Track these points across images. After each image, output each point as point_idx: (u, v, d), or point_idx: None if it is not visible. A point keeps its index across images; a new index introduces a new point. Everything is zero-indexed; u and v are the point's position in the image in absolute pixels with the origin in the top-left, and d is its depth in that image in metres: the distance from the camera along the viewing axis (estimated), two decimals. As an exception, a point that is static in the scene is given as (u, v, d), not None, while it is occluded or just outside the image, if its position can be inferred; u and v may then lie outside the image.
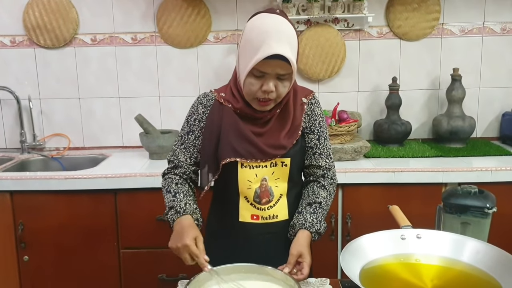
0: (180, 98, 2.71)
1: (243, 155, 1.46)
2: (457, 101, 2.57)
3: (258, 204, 1.51)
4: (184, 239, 1.34)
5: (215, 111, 1.52)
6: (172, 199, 1.50)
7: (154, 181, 2.18)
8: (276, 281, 1.38)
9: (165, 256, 2.26)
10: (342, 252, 1.22)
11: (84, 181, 2.21)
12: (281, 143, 1.47)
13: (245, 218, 1.53)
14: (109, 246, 2.27)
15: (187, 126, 1.56)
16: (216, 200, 1.63)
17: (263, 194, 1.50)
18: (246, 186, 1.50)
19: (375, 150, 2.47)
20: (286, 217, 1.54)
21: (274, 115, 1.50)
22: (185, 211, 1.45)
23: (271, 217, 1.52)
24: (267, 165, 1.49)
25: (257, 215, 1.52)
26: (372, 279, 1.19)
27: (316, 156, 1.54)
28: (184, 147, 1.56)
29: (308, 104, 1.55)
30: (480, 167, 2.22)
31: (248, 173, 1.49)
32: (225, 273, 1.36)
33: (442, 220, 1.48)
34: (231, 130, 1.48)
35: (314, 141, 1.54)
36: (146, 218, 2.23)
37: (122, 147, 2.78)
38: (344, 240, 2.27)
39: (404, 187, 2.21)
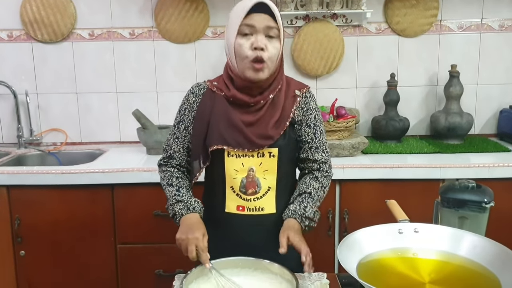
0: (178, 94, 2.69)
1: (230, 143, 1.47)
2: (455, 97, 2.57)
3: (244, 195, 1.51)
4: (196, 232, 1.39)
5: (206, 99, 1.54)
6: (176, 193, 1.53)
7: (151, 176, 2.17)
8: (273, 275, 1.37)
9: (162, 251, 2.26)
10: (339, 246, 1.22)
11: (81, 176, 2.20)
12: (269, 133, 1.48)
13: (231, 209, 1.53)
14: (106, 241, 2.26)
15: (179, 116, 1.59)
16: (205, 190, 1.64)
17: (249, 184, 1.50)
18: (232, 176, 1.50)
19: (373, 146, 2.47)
20: (273, 211, 1.53)
21: (267, 102, 1.50)
22: (194, 209, 1.50)
23: (257, 209, 1.52)
24: (254, 155, 1.49)
25: (243, 206, 1.52)
26: (369, 273, 1.19)
27: (313, 150, 1.54)
28: (176, 137, 1.58)
29: (303, 98, 1.55)
30: (478, 163, 2.22)
31: (235, 162, 1.49)
32: (221, 267, 1.36)
33: (439, 215, 1.48)
34: (221, 118, 1.49)
35: (310, 135, 1.54)
36: (143, 213, 2.23)
37: (119, 142, 2.77)
38: (341, 236, 2.27)
39: (402, 183, 2.21)
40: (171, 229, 2.20)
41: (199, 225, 1.44)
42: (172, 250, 2.24)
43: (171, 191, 1.54)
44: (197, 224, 1.45)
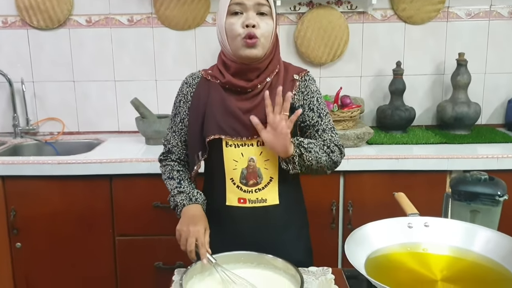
0: (178, 82, 2.54)
1: (227, 132, 1.41)
2: (462, 86, 2.50)
3: (244, 186, 1.45)
4: (198, 224, 1.35)
5: (201, 88, 1.48)
6: (177, 185, 1.48)
7: (150, 166, 2.12)
8: (277, 270, 1.32)
9: (161, 243, 2.20)
10: (347, 241, 1.16)
11: (79, 166, 2.15)
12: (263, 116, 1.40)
13: (232, 202, 1.47)
14: (104, 233, 2.21)
15: (174, 109, 1.54)
16: (205, 183, 1.58)
17: (250, 175, 1.44)
18: (231, 167, 1.44)
19: (378, 137, 2.40)
20: (276, 202, 1.47)
21: (264, 87, 1.43)
22: (197, 200, 1.45)
23: (259, 200, 1.46)
24: (253, 144, 1.42)
25: (244, 198, 1.46)
26: (378, 269, 1.13)
27: (320, 132, 1.47)
28: (173, 131, 1.53)
29: (302, 81, 1.48)
30: (486, 154, 2.15)
31: (234, 152, 1.43)
32: (223, 261, 1.31)
33: (450, 208, 1.42)
34: (217, 106, 1.43)
35: (315, 118, 1.47)
36: (142, 205, 2.17)
37: (117, 132, 2.71)
38: (345, 229, 2.21)
39: (408, 174, 2.15)
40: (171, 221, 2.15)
41: (201, 218, 1.39)
42: (172, 243, 2.18)
43: (172, 184, 1.50)
44: (199, 216, 1.39)
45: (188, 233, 1.33)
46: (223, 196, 1.47)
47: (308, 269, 1.47)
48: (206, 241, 1.33)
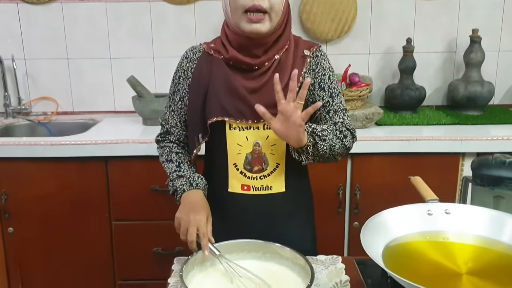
0: (176, 59, 2.46)
1: (231, 114, 1.30)
2: (475, 64, 2.38)
3: (249, 173, 1.34)
4: (199, 212, 1.24)
5: (203, 63, 1.35)
6: (176, 169, 1.37)
7: (148, 148, 2.01)
8: (283, 261, 1.22)
9: (160, 228, 2.11)
10: (363, 229, 1.06)
11: (73, 148, 2.04)
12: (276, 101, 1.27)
13: (234, 189, 1.36)
14: (100, 218, 2.11)
15: (173, 86, 1.41)
16: (206, 168, 1.47)
17: (255, 161, 1.33)
18: (235, 151, 1.33)
19: (387, 117, 2.29)
20: (282, 189, 1.36)
21: (272, 64, 1.31)
22: (198, 185, 1.34)
23: (264, 188, 1.35)
24: (259, 127, 1.31)
25: (248, 185, 1.35)
26: (396, 260, 1.04)
27: (331, 114, 1.34)
28: (172, 110, 1.42)
29: (313, 57, 1.36)
30: (501, 135, 2.05)
31: (238, 135, 1.32)
32: (226, 251, 1.21)
33: (470, 193, 1.32)
34: (220, 85, 1.31)
35: (326, 98, 1.34)
36: (139, 188, 2.08)
37: (113, 112, 2.59)
38: (352, 213, 2.12)
39: (419, 157, 2.05)
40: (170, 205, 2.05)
41: (203, 205, 1.28)
42: (171, 228, 2.07)
43: (171, 167, 1.39)
44: (201, 203, 1.29)
45: (189, 222, 1.22)
46: (225, 182, 1.37)
47: (316, 258, 1.38)
48: (208, 231, 1.22)
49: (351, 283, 1.25)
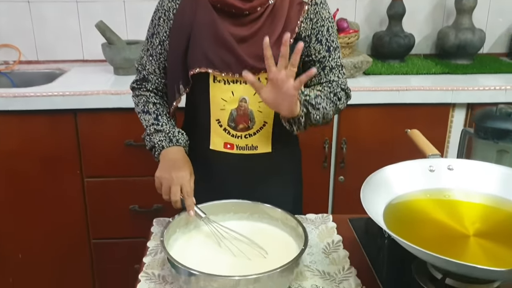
0: (149, 2, 2.31)
1: (216, 65, 1.16)
2: (467, 11, 2.26)
3: (233, 130, 1.23)
4: (181, 170, 1.14)
5: (186, 5, 1.19)
6: (154, 122, 1.23)
7: (120, 100, 1.86)
8: (273, 222, 1.13)
9: (136, 185, 2.00)
10: (362, 187, 0.97)
11: (39, 100, 1.88)
12: None
13: (216, 146, 1.25)
14: (71, 175, 1.98)
15: (152, 27, 1.25)
16: (185, 122, 1.34)
17: (240, 118, 1.21)
18: (219, 106, 1.21)
19: (375, 67, 2.18)
20: (268, 150, 1.26)
21: (266, 10, 1.16)
22: (178, 141, 1.22)
23: (249, 147, 1.25)
24: (247, 82, 1.17)
25: (232, 143, 1.24)
26: (398, 220, 0.96)
27: (327, 71, 1.22)
28: (150, 55, 1.26)
29: (312, 5, 1.20)
30: (494, 85, 1.96)
31: (222, 89, 1.19)
32: (210, 212, 1.11)
33: (469, 147, 1.23)
34: (205, 31, 1.16)
35: (323, 53, 1.21)
36: (112, 143, 1.94)
37: (82, 61, 2.41)
38: (337, 168, 2.04)
39: (408, 108, 1.96)
40: (146, 161, 1.93)
41: (184, 162, 1.17)
42: (148, 184, 1.97)
43: (147, 119, 1.25)
44: (182, 160, 1.17)
45: (171, 181, 1.11)
46: (207, 139, 1.25)
47: (306, 217, 1.29)
48: (191, 190, 1.12)
49: (343, 243, 1.17)
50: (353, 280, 1.04)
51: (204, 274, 0.90)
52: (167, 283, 1.03)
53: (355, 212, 1.30)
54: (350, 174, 2.03)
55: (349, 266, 1.08)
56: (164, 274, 1.06)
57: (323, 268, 1.08)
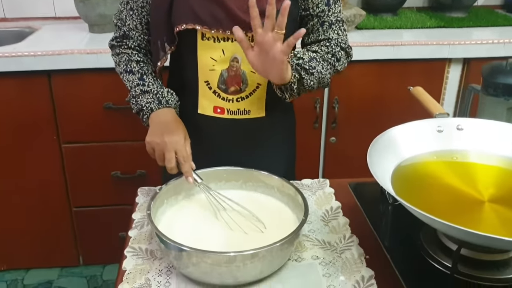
0: None
1: (205, 21, 1.04)
2: (463, -42, 2.15)
3: (223, 93, 1.12)
4: (175, 133, 1.03)
5: None
6: (139, 82, 1.11)
7: (97, 59, 1.73)
8: (269, 189, 1.05)
9: (117, 150, 1.89)
10: (369, 150, 0.89)
11: (8, 61, 1.74)
12: (263, 7, 1.01)
13: (205, 110, 1.15)
14: (48, 141, 1.86)
15: None
16: (170, 84, 1.22)
17: (232, 79, 1.10)
18: (207, 66, 1.09)
19: (367, 21, 2.06)
20: (261, 114, 1.16)
21: None
22: (168, 103, 1.10)
23: (241, 112, 1.14)
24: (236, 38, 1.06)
25: (222, 107, 1.14)
26: (407, 184, 0.89)
27: (325, 27, 1.10)
28: (130, 8, 1.13)
29: None
30: (491, 39, 1.88)
31: (212, 48, 1.07)
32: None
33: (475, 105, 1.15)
34: None
35: (321, 7, 1.09)
36: (90, 106, 1.82)
37: (54, 18, 2.24)
38: (329, 128, 1.95)
39: (402, 64, 1.87)
40: (127, 124, 1.83)
41: (177, 125, 1.06)
42: (130, 149, 1.89)
43: (132, 79, 1.12)
44: (174, 122, 1.06)
45: (165, 146, 1.01)
46: (195, 103, 1.14)
47: (301, 182, 1.21)
48: (189, 154, 1.02)
49: (342, 210, 1.10)
50: (355, 250, 0.97)
51: (196, 250, 0.81)
52: (156, 259, 0.95)
53: (347, 175, 1.23)
54: (342, 135, 1.95)
55: (350, 235, 1.01)
56: (152, 248, 0.98)
57: (322, 237, 1.01)
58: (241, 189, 1.06)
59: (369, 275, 0.91)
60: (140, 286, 0.89)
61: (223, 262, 0.82)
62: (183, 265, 0.86)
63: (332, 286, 0.89)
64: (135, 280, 0.90)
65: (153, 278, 0.90)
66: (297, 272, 0.92)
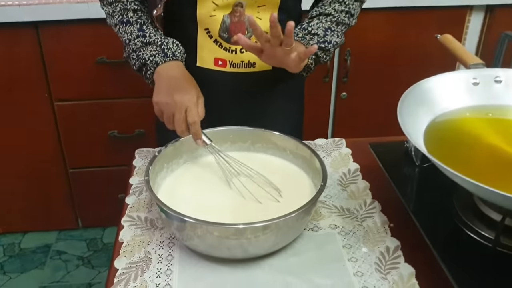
0: None
1: None
2: None
3: (225, 43, 0.99)
4: (187, 92, 0.89)
5: None
6: (139, 33, 0.97)
7: (88, 9, 1.59)
8: (280, 153, 0.94)
9: (114, 108, 1.78)
10: (399, 105, 0.77)
11: (-9, 12, 1.59)
12: None
13: (205, 63, 1.02)
14: (38, 99, 1.74)
15: None
16: (165, 31, 1.07)
17: (235, 27, 0.97)
18: (207, 12, 0.96)
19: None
20: (268, 67, 1.03)
21: None
22: (174, 55, 0.96)
23: (246, 64, 1.02)
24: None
25: (224, 59, 1.01)
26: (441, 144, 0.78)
27: None
28: None
29: None
30: (518, -17, 1.72)
31: None
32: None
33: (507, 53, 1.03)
34: None
35: None
36: (83, 60, 1.69)
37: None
38: (340, 83, 1.83)
39: (419, 12, 1.72)
40: (122, 79, 1.70)
41: (188, 81, 0.92)
42: (127, 107, 1.77)
43: (130, 31, 0.97)
44: (185, 78, 0.93)
45: (174, 106, 0.87)
46: (193, 54, 1.02)
47: (315, 143, 1.10)
48: (201, 115, 0.89)
49: (361, 172, 1.00)
50: (378, 217, 0.87)
51: (201, 222, 0.71)
52: (156, 229, 0.86)
53: (358, 134, 1.13)
54: (353, 90, 1.83)
55: (371, 200, 0.91)
56: (152, 217, 0.88)
57: (341, 203, 0.91)
58: (248, 151, 0.95)
59: (394, 246, 0.81)
60: (139, 260, 0.79)
61: (231, 234, 0.72)
62: (186, 237, 0.77)
63: (353, 258, 0.79)
64: (133, 253, 0.80)
65: (154, 251, 0.81)
66: (314, 243, 0.82)
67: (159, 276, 0.76)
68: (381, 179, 0.95)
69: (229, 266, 0.77)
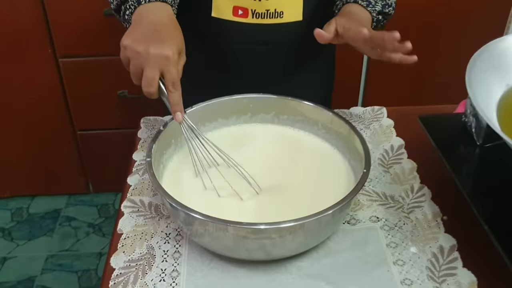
0: None
1: None
2: None
3: None
4: (166, 45, 0.65)
5: None
6: None
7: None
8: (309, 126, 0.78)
9: (123, 66, 1.61)
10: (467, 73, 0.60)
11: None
12: None
13: (223, 14, 0.85)
14: (41, 55, 1.59)
15: None
16: None
17: None
18: None
19: None
20: (298, 18, 0.86)
21: None
22: None
23: (271, 14, 0.85)
24: None
25: (245, 8, 0.84)
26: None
27: None
28: None
29: None
30: None
31: None
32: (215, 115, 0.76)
33: None
34: None
35: None
36: (87, 13, 1.52)
37: None
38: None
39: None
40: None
41: (172, 31, 0.70)
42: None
43: None
44: (169, 26, 0.71)
45: (147, 59, 0.65)
46: (207, 2, 0.84)
47: (350, 112, 0.94)
48: (178, 77, 0.67)
49: (406, 150, 0.84)
50: (428, 207, 0.72)
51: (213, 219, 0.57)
52: (162, 217, 0.72)
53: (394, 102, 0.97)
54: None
55: (420, 185, 0.76)
56: (157, 202, 0.75)
57: (382, 189, 0.76)
58: (272, 124, 0.79)
59: (450, 245, 0.66)
60: (140, 257, 0.66)
61: (250, 233, 0.58)
62: (195, 234, 0.63)
63: (400, 261, 0.65)
64: (133, 248, 0.67)
65: (158, 245, 0.68)
66: (351, 240, 0.68)
67: (163, 280, 0.63)
68: (431, 160, 0.78)
69: (249, 268, 0.64)
